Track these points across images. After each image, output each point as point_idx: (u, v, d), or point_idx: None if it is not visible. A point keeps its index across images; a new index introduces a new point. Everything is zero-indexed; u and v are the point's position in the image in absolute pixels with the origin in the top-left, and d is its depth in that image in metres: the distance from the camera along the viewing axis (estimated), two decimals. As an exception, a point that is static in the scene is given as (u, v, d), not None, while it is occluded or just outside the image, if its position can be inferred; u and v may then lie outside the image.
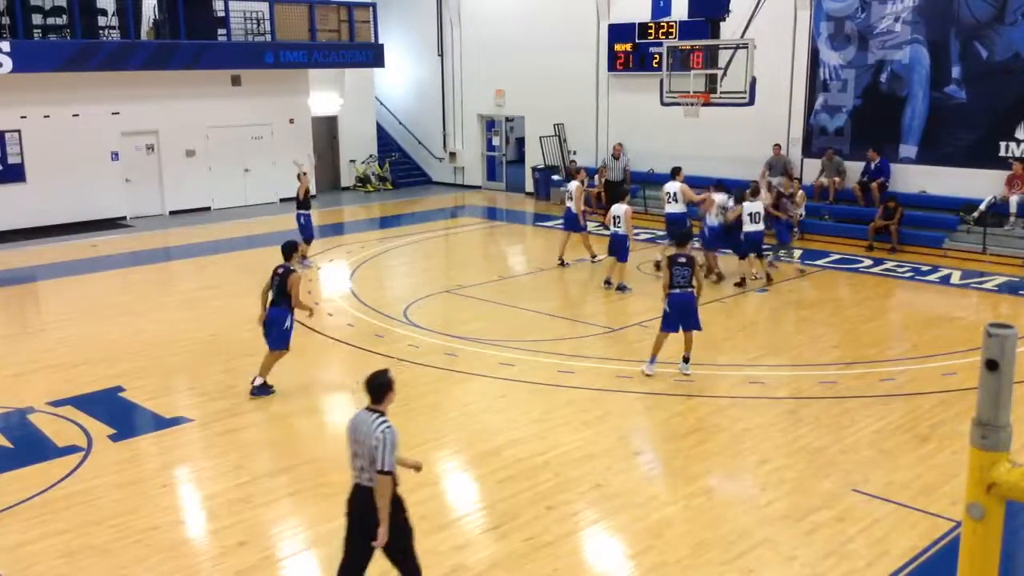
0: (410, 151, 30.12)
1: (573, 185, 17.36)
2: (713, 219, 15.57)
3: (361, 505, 5.76)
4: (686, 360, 10.98)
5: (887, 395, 10.34)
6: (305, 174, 17.63)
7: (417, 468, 6.44)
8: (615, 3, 23.44)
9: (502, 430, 9.56)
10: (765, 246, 15.60)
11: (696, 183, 21.89)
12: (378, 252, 19.05)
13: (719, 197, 15.65)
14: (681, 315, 10.82)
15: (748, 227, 15.01)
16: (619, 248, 15.07)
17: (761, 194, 16.02)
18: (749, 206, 15.02)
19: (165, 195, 23.55)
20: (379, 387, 5.82)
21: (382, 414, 5.75)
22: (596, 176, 22.80)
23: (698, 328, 10.93)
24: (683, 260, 10.78)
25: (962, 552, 2.68)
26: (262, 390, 10.54)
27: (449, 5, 27.49)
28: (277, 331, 10.49)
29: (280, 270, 10.51)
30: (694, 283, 10.81)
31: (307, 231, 17.33)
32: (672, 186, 16.51)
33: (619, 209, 15.17)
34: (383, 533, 5.68)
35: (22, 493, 8.11)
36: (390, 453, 5.58)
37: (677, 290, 10.76)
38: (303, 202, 17.29)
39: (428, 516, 7.64)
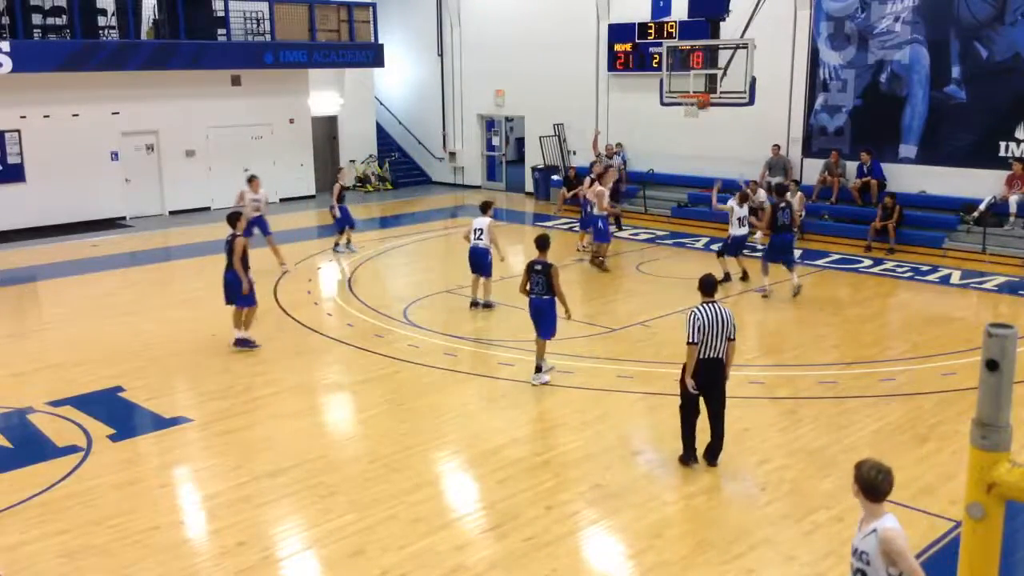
0: (410, 151, 30.13)
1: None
2: (600, 211, 16.56)
3: (714, 370, 8.25)
4: (538, 369, 10.77)
5: (887, 395, 10.34)
6: (341, 169, 19.76)
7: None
8: (615, 3, 23.44)
9: (502, 430, 9.56)
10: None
11: (694, 183, 22.00)
12: (378, 252, 19.05)
13: (599, 188, 16.64)
14: (534, 319, 10.76)
15: (735, 230, 15.30)
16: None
17: (752, 197, 16.32)
18: (738, 210, 15.25)
19: (165, 195, 23.55)
20: (712, 285, 8.45)
21: (717, 302, 8.34)
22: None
23: (546, 336, 10.76)
24: (539, 267, 10.71)
25: (962, 552, 2.68)
26: (244, 343, 12.02)
27: (449, 5, 27.49)
28: (236, 292, 11.90)
29: (228, 237, 11.99)
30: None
31: (345, 220, 18.65)
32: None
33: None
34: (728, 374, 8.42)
35: (22, 493, 8.11)
36: (735, 325, 8.31)
37: (533, 296, 10.72)
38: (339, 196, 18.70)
39: (427, 516, 7.65)
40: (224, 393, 10.68)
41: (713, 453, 8.55)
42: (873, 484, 4.56)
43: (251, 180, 17.21)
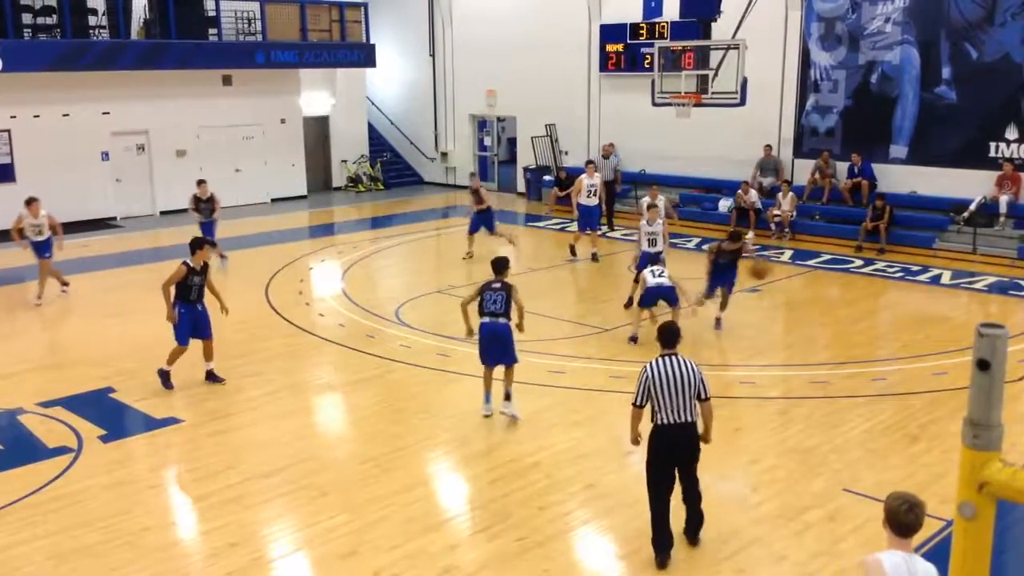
0: (402, 151, 30.09)
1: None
2: (585, 200, 17.19)
3: (684, 436, 6.79)
4: (507, 397, 9.61)
5: (878, 395, 10.36)
6: (201, 183, 18.04)
7: None
8: (607, 3, 23.46)
9: (494, 430, 9.55)
10: None
11: (687, 184, 22.04)
12: (370, 252, 19.02)
13: (587, 180, 17.24)
14: (492, 347, 9.49)
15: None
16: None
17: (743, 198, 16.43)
18: (646, 226, 13.93)
19: (156, 195, 23.47)
20: (675, 334, 7.01)
21: (679, 355, 6.89)
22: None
23: (513, 361, 9.57)
24: (497, 285, 9.52)
25: (953, 551, 2.69)
26: (162, 373, 10.93)
27: (441, 5, 27.47)
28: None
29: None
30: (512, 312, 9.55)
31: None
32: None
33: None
34: (710, 439, 6.99)
35: (12, 494, 8.07)
36: (705, 383, 6.83)
37: (487, 319, 9.41)
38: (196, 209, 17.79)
39: (420, 516, 7.64)
40: (215, 394, 10.65)
41: (693, 529, 7.13)
42: (895, 515, 4.24)
43: (29, 203, 15.35)
